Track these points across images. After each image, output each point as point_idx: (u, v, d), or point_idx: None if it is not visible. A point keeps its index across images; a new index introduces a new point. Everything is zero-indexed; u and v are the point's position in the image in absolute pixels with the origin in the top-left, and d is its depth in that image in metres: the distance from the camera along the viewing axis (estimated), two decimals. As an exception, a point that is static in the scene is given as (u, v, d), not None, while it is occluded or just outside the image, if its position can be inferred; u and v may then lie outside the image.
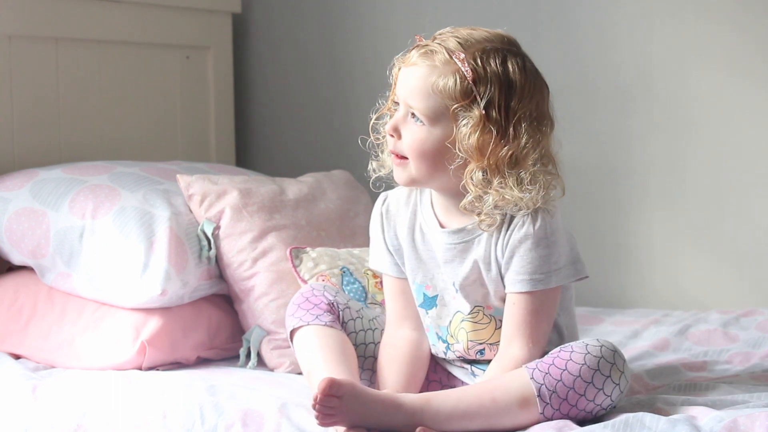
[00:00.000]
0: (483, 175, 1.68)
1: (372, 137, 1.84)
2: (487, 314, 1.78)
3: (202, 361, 2.15)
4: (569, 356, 1.63)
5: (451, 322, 1.80)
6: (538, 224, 1.70)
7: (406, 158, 1.72)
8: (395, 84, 1.76)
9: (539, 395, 1.61)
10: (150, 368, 2.05)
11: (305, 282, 2.09)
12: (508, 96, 1.69)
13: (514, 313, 1.72)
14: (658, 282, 2.70)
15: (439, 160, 1.71)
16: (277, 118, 3.11)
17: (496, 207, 1.69)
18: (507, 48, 1.73)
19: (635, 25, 2.67)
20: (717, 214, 2.62)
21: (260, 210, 2.21)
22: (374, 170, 1.84)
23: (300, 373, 2.04)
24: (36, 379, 1.97)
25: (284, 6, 3.07)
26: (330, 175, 2.45)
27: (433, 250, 1.79)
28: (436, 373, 1.85)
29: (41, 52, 2.54)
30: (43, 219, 2.18)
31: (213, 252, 2.16)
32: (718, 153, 2.61)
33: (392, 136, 1.73)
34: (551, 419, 1.61)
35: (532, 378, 1.62)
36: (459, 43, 1.70)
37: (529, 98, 1.71)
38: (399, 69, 1.76)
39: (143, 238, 2.09)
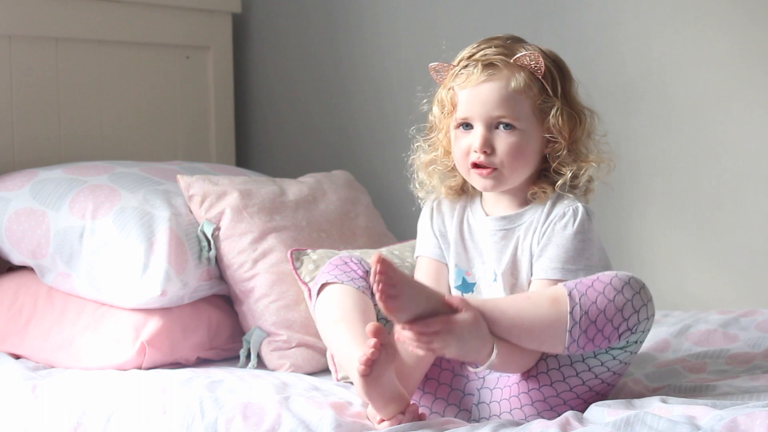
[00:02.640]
0: (568, 155, 1.81)
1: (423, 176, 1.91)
2: None
3: (202, 362, 2.15)
4: (600, 274, 1.69)
5: None
6: (579, 218, 1.79)
7: (496, 168, 1.78)
8: (453, 107, 1.81)
9: (569, 294, 1.66)
10: (150, 368, 2.05)
11: (306, 284, 2.09)
12: (563, 80, 1.83)
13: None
14: (658, 282, 2.70)
15: (534, 157, 1.81)
16: (277, 118, 3.11)
17: (575, 178, 1.82)
18: (525, 41, 1.87)
19: (637, 26, 2.67)
20: (717, 214, 2.62)
21: (260, 211, 2.21)
22: (421, 198, 1.94)
23: (301, 373, 2.04)
24: (36, 378, 1.97)
25: (284, 6, 3.07)
26: (330, 176, 2.45)
27: (478, 241, 1.85)
28: (449, 361, 1.85)
29: (41, 52, 2.54)
30: (43, 219, 2.18)
31: (213, 253, 2.16)
32: (719, 153, 2.61)
33: (486, 153, 1.78)
34: (579, 325, 1.64)
35: (565, 284, 1.68)
36: (501, 48, 1.80)
37: (568, 73, 1.86)
38: (450, 92, 1.81)
39: (143, 239, 2.09)
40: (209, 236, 2.16)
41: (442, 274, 1.88)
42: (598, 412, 1.66)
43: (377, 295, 1.57)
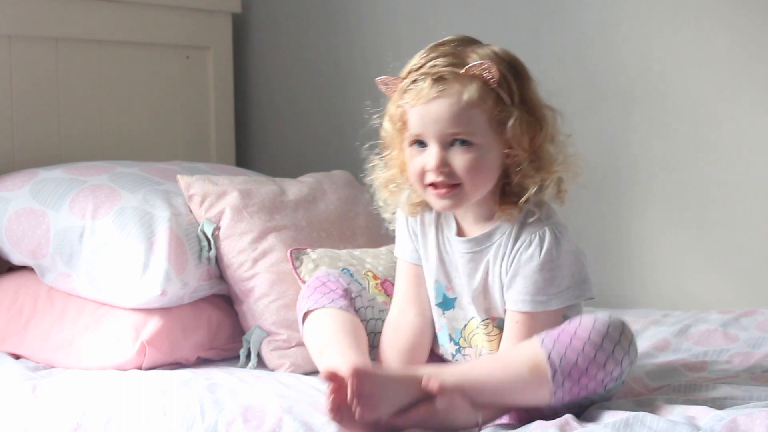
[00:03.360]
0: (530, 165, 1.71)
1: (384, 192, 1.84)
2: (495, 326, 1.79)
3: (202, 362, 2.15)
4: (579, 323, 1.64)
5: (465, 326, 1.81)
6: (545, 246, 1.71)
7: (458, 185, 1.71)
8: (404, 124, 1.72)
9: (549, 359, 1.61)
10: (150, 368, 2.05)
11: (305, 283, 2.09)
12: (520, 84, 1.72)
13: (514, 330, 1.74)
14: (658, 282, 2.70)
15: (495, 171, 1.72)
16: (277, 118, 3.11)
17: (540, 190, 1.72)
18: (475, 41, 1.76)
19: (637, 26, 2.67)
20: (717, 213, 2.62)
21: (260, 211, 2.21)
22: (387, 221, 1.89)
23: (301, 373, 2.04)
24: (36, 379, 1.97)
25: (284, 6, 3.07)
26: (330, 176, 2.45)
27: (453, 256, 1.80)
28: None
29: (41, 52, 2.54)
30: (43, 219, 2.18)
31: (213, 252, 2.15)
32: (719, 153, 2.61)
33: (443, 172, 1.70)
34: (562, 387, 1.61)
35: (543, 343, 1.63)
36: (451, 57, 1.69)
37: (524, 72, 1.74)
38: (400, 108, 1.72)
39: (143, 239, 2.09)
40: (209, 236, 2.16)
41: (423, 277, 1.86)
42: (597, 412, 1.66)
43: (356, 413, 1.55)
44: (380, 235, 2.35)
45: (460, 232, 1.80)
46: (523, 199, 1.72)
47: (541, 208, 1.74)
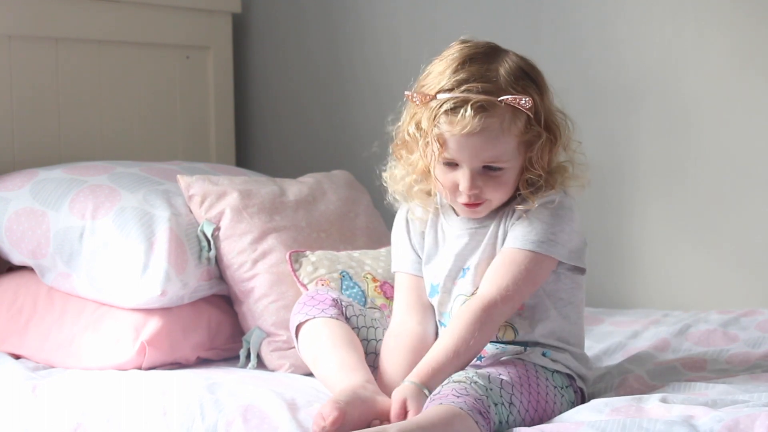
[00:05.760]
0: (545, 181, 1.79)
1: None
2: None
3: (202, 362, 2.15)
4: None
5: (452, 307, 1.83)
6: (549, 196, 1.78)
7: (485, 200, 1.78)
8: (442, 146, 1.75)
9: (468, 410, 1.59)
10: (150, 368, 2.05)
11: (304, 286, 2.09)
12: (542, 99, 1.78)
13: (502, 261, 1.77)
14: (658, 282, 2.70)
15: (516, 183, 1.79)
16: (278, 118, 3.11)
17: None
18: (496, 49, 1.80)
19: (637, 26, 2.67)
20: (717, 213, 2.62)
21: (260, 211, 2.21)
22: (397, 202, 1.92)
23: (302, 373, 2.04)
24: (36, 379, 1.97)
25: (284, 6, 3.07)
26: (330, 176, 2.44)
27: (450, 240, 1.85)
28: None
29: (41, 52, 2.54)
30: (43, 219, 2.18)
31: (213, 253, 2.15)
32: (719, 153, 2.61)
33: (474, 194, 1.77)
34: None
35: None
36: (484, 81, 1.73)
37: (544, 84, 1.80)
38: (435, 128, 1.75)
39: (143, 239, 2.09)
40: (209, 236, 2.16)
41: (423, 289, 1.89)
42: (597, 407, 1.67)
43: None
44: (380, 236, 2.35)
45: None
46: (536, 205, 1.78)
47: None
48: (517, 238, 1.77)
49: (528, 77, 1.77)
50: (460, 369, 1.70)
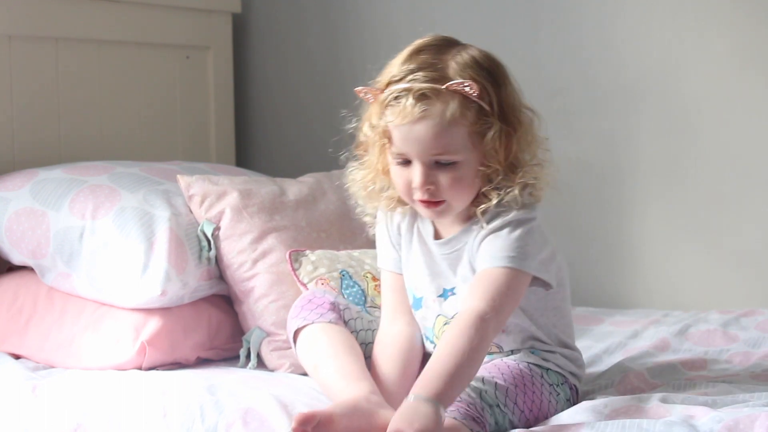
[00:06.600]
0: (505, 177, 1.71)
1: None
2: None
3: (202, 362, 2.15)
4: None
5: (434, 324, 1.82)
6: (512, 215, 1.70)
7: (442, 201, 1.72)
8: (389, 139, 1.72)
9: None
10: (150, 368, 2.05)
11: (304, 285, 2.09)
12: (498, 91, 1.70)
13: (481, 279, 1.68)
14: (658, 282, 2.70)
15: (476, 183, 1.72)
16: (278, 118, 3.11)
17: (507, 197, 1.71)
18: (454, 43, 1.74)
19: (637, 26, 2.67)
20: (717, 213, 2.62)
21: (260, 211, 2.21)
22: (369, 225, 1.89)
23: (301, 373, 2.04)
24: (36, 379, 1.97)
25: (284, 6, 3.07)
26: (330, 176, 2.44)
27: (431, 255, 1.81)
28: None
29: (41, 52, 2.54)
30: (43, 219, 2.18)
31: (213, 253, 2.15)
32: (719, 153, 2.61)
33: (429, 189, 1.70)
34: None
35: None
36: (431, 70, 1.68)
37: (503, 77, 1.73)
38: (382, 122, 1.71)
39: (143, 239, 2.09)
40: (209, 236, 2.16)
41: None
42: (597, 408, 1.67)
43: None
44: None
45: (437, 235, 1.81)
46: (494, 202, 1.72)
47: (517, 203, 1.73)
48: (492, 256, 1.70)
49: (482, 68, 1.70)
50: (468, 377, 1.62)
